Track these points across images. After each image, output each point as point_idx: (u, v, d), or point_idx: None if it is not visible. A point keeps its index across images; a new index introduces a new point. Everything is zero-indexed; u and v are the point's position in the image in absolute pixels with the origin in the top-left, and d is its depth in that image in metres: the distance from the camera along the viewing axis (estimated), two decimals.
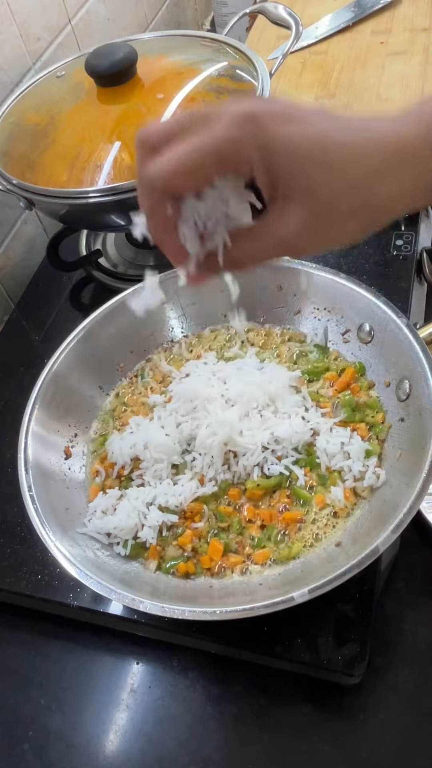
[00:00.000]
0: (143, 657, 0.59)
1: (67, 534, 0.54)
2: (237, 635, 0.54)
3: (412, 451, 0.54)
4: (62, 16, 0.92)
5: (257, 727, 0.54)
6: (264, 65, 0.77)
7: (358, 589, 0.54)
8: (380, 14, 1.00)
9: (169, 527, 0.57)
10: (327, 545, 0.54)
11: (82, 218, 0.78)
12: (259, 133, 0.32)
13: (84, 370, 0.67)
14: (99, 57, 0.72)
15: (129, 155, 0.69)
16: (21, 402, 0.61)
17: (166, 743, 0.54)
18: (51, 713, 0.57)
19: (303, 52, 0.98)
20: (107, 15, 1.03)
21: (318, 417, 0.60)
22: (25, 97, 0.80)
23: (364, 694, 0.54)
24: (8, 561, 0.62)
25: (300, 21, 0.79)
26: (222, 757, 0.53)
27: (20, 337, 0.83)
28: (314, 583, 0.46)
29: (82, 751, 0.55)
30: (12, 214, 0.89)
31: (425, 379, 0.55)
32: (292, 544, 0.55)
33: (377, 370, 0.63)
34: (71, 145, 0.71)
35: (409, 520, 0.48)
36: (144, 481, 0.60)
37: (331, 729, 0.53)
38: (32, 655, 0.60)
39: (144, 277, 0.48)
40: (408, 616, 0.57)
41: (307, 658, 0.52)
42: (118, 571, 0.54)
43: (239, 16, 0.85)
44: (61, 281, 0.87)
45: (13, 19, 0.82)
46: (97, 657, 0.59)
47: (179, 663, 0.58)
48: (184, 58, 0.78)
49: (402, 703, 0.54)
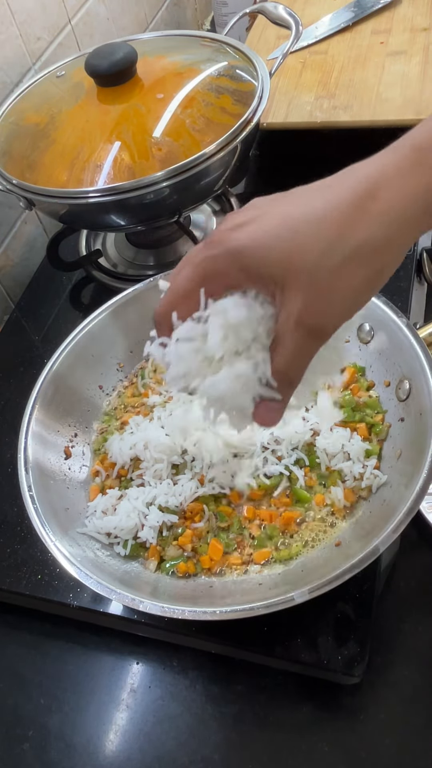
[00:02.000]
0: (143, 657, 0.59)
1: (67, 534, 0.54)
2: (237, 635, 0.54)
3: (412, 451, 0.54)
4: (62, 16, 0.92)
5: (257, 727, 0.54)
6: (264, 65, 0.77)
7: (358, 589, 0.54)
8: (380, 14, 0.99)
9: (169, 527, 0.57)
10: (327, 545, 0.54)
11: (82, 218, 0.78)
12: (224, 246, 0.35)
13: (84, 370, 0.67)
14: (99, 57, 0.72)
15: (129, 155, 0.69)
16: (21, 402, 0.61)
17: (166, 743, 0.54)
18: (51, 713, 0.57)
19: (303, 52, 0.98)
20: (107, 15, 1.03)
21: (318, 417, 0.60)
22: (25, 97, 0.80)
23: (364, 694, 0.54)
24: (8, 561, 0.62)
25: (300, 21, 0.79)
26: (222, 757, 0.53)
27: (20, 337, 0.83)
28: (314, 583, 0.46)
29: (82, 751, 0.55)
30: (12, 214, 0.89)
31: (425, 379, 0.55)
32: (292, 544, 0.55)
33: (377, 370, 0.63)
34: (71, 145, 0.71)
35: (409, 520, 0.48)
36: (144, 481, 0.60)
37: (331, 729, 0.53)
38: (32, 655, 0.60)
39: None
40: (408, 616, 0.57)
41: (307, 658, 0.52)
42: (118, 571, 0.54)
43: (239, 16, 0.85)
44: (61, 281, 0.87)
45: (13, 19, 0.82)
46: (97, 657, 0.59)
47: (179, 663, 0.58)
48: (184, 58, 0.79)
49: (402, 703, 0.54)
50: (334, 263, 0.34)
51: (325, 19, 1.02)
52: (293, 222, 0.35)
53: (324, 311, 0.35)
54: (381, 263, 0.35)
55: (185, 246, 0.85)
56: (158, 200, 0.69)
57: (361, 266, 0.34)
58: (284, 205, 0.36)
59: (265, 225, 0.35)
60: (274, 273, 0.35)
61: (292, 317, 0.35)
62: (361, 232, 0.34)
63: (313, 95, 0.90)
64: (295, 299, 0.35)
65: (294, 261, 0.34)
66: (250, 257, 0.35)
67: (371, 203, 0.34)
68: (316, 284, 0.34)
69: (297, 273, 0.34)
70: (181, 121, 0.71)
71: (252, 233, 0.35)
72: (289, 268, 0.34)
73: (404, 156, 0.35)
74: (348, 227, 0.34)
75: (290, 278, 0.34)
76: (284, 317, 0.36)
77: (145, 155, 0.69)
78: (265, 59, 0.87)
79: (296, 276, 0.34)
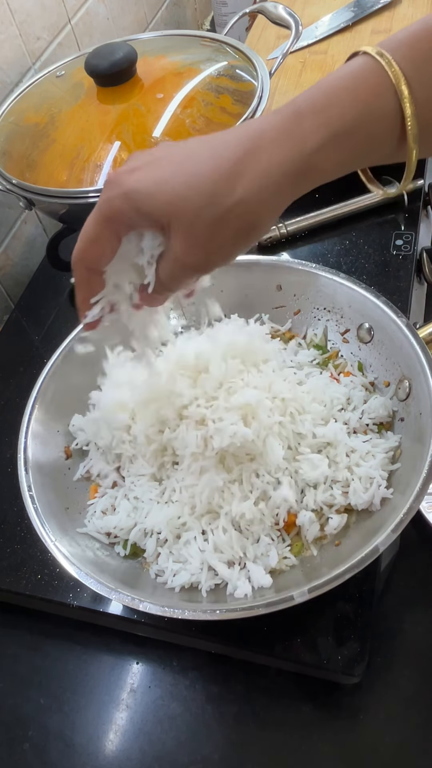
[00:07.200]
0: (143, 657, 0.59)
1: (66, 534, 0.54)
2: (237, 635, 0.54)
3: (412, 451, 0.54)
4: (62, 15, 0.92)
5: (257, 727, 0.54)
6: (264, 65, 0.77)
7: (358, 589, 0.54)
8: (380, 14, 1.00)
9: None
10: (327, 545, 0.54)
11: (82, 218, 0.77)
12: (120, 188, 0.39)
13: (84, 370, 0.66)
14: (99, 57, 0.72)
15: (128, 155, 0.69)
16: (21, 402, 0.61)
17: (166, 743, 0.54)
18: (51, 713, 0.57)
19: (303, 51, 0.98)
20: (107, 15, 1.03)
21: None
22: (25, 96, 0.80)
23: (364, 694, 0.54)
24: (8, 561, 0.62)
25: (300, 21, 0.79)
26: (222, 756, 0.53)
27: (20, 336, 0.83)
28: (314, 583, 0.46)
29: (82, 751, 0.55)
30: (12, 214, 0.89)
31: (425, 379, 0.55)
32: (292, 544, 0.55)
33: (377, 370, 0.63)
34: (71, 144, 0.71)
35: (409, 520, 0.48)
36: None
37: (331, 729, 0.53)
38: (32, 655, 0.60)
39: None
40: (408, 616, 0.57)
41: (307, 657, 0.52)
42: (118, 571, 0.54)
43: (239, 15, 0.85)
44: (61, 281, 0.87)
45: (12, 19, 0.82)
46: (97, 657, 0.59)
47: (179, 663, 0.58)
48: (184, 57, 0.79)
49: (402, 703, 0.54)
50: (210, 217, 0.38)
51: (324, 19, 1.02)
52: (181, 173, 0.38)
53: (199, 255, 0.40)
54: (252, 221, 0.39)
55: None
56: None
57: (234, 223, 0.38)
58: (179, 154, 0.40)
59: (158, 171, 0.39)
60: (160, 216, 0.39)
61: (172, 253, 0.40)
62: (236, 193, 0.38)
63: None
64: (176, 241, 0.39)
65: (176, 209, 0.38)
66: (140, 200, 0.39)
67: (250, 164, 0.38)
68: (193, 233, 0.39)
69: (179, 220, 0.38)
70: (181, 121, 0.71)
71: (144, 178, 0.39)
72: (172, 214, 0.38)
73: (285, 118, 0.38)
74: (225, 186, 0.38)
75: (173, 223, 0.39)
76: (167, 252, 0.41)
77: None
78: (265, 59, 0.87)
79: (178, 222, 0.39)
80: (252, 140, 0.38)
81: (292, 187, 0.39)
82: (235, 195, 0.38)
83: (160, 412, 0.58)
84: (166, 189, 0.38)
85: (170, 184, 0.38)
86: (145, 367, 0.55)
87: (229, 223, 0.38)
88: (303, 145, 0.37)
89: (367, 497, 0.53)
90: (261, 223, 0.40)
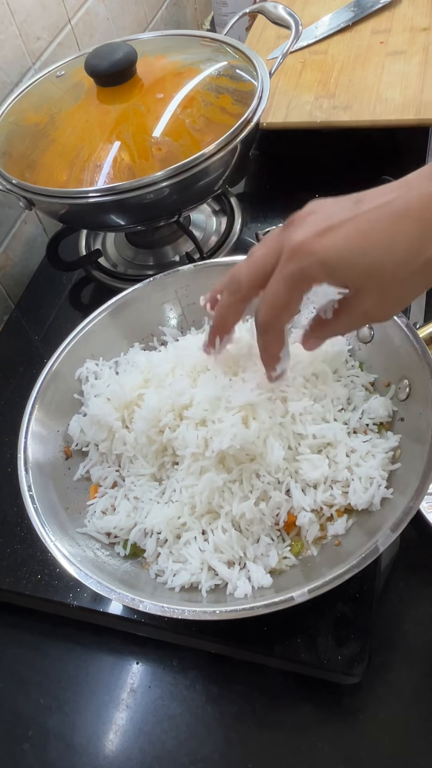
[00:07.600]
0: (143, 657, 0.59)
1: (67, 534, 0.54)
2: (237, 635, 0.54)
3: (412, 451, 0.54)
4: (62, 15, 0.92)
5: (257, 727, 0.54)
6: (264, 65, 0.77)
7: (358, 589, 0.54)
8: (380, 14, 1.00)
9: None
10: (327, 545, 0.54)
11: (82, 218, 0.78)
12: (315, 257, 0.41)
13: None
14: (99, 57, 0.72)
15: (129, 155, 0.69)
16: (21, 402, 0.61)
17: (166, 743, 0.54)
18: (51, 713, 0.57)
19: (303, 51, 0.98)
20: (107, 15, 1.03)
21: None
22: (25, 96, 0.80)
23: (364, 694, 0.54)
24: (8, 561, 0.62)
25: (300, 21, 0.79)
26: (222, 756, 0.53)
27: (20, 336, 0.83)
28: (314, 583, 0.46)
29: (82, 751, 0.55)
30: (12, 214, 0.89)
31: (425, 379, 0.55)
32: (292, 544, 0.55)
33: (377, 370, 0.63)
34: (71, 144, 0.71)
35: (409, 519, 0.48)
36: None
37: (331, 729, 0.53)
38: (32, 655, 0.60)
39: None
40: (408, 616, 0.57)
41: (307, 657, 0.52)
42: (118, 571, 0.54)
43: (239, 15, 0.85)
44: (60, 281, 0.87)
45: (12, 19, 0.82)
46: (97, 657, 0.59)
47: (179, 663, 0.58)
48: (184, 57, 0.78)
49: (402, 703, 0.54)
50: (403, 277, 0.41)
51: (324, 19, 1.02)
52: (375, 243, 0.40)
53: (388, 311, 0.45)
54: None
55: (185, 246, 0.85)
56: (158, 200, 0.69)
57: (421, 279, 0.42)
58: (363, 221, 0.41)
59: (350, 239, 0.41)
60: (355, 281, 0.42)
61: (361, 308, 0.44)
62: (425, 254, 0.40)
63: (313, 95, 0.90)
64: (368, 299, 0.43)
65: (374, 277, 0.41)
66: (338, 270, 0.42)
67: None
68: (387, 293, 0.43)
69: (375, 284, 0.42)
70: (181, 121, 0.71)
71: (334, 246, 0.41)
72: (370, 281, 0.42)
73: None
74: (417, 249, 0.40)
75: (368, 287, 0.42)
76: (356, 306, 0.44)
77: (144, 155, 0.69)
78: (265, 59, 0.87)
79: (374, 286, 0.42)
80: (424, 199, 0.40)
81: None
82: (424, 255, 0.40)
83: (160, 412, 0.58)
84: (364, 261, 0.41)
85: (369, 255, 0.40)
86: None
87: (418, 280, 0.42)
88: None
89: (367, 497, 0.53)
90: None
